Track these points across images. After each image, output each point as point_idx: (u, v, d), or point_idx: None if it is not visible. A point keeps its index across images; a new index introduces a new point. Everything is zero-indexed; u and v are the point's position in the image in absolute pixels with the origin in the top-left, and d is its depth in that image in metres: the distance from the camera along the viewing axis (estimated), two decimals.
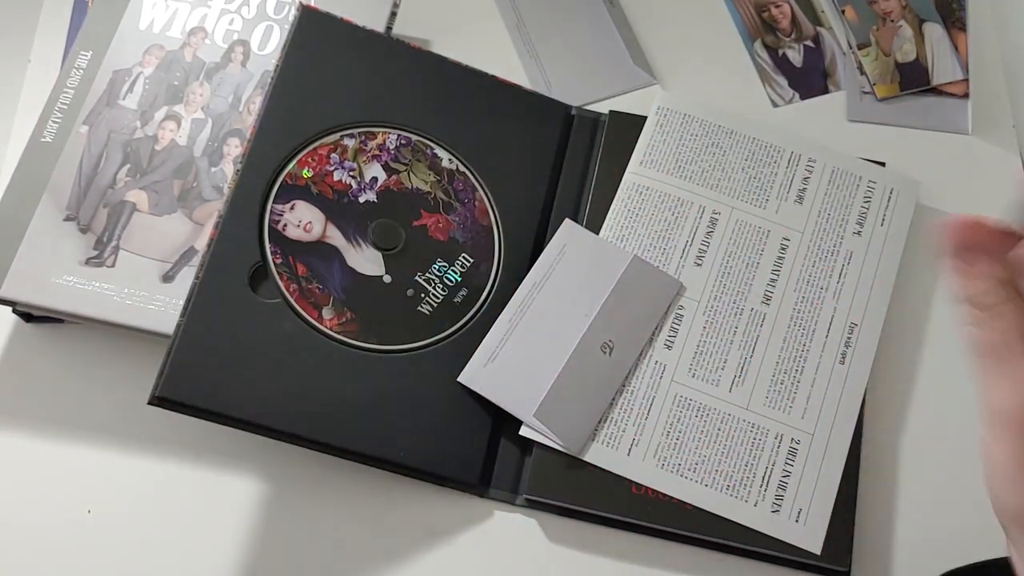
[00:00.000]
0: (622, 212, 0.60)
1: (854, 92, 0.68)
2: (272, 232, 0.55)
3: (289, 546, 0.54)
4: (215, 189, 0.59)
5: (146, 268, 0.56)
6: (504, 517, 0.55)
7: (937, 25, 0.69)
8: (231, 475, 0.55)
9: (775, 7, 0.71)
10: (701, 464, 0.54)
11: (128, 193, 0.58)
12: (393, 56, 0.60)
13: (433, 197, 0.58)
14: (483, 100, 0.61)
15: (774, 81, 0.69)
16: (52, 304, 0.55)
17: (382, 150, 0.59)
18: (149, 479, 0.55)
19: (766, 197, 0.61)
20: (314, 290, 0.54)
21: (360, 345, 0.54)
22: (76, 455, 0.56)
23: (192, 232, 0.58)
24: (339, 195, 0.57)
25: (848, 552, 0.53)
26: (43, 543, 0.54)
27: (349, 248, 0.56)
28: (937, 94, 0.68)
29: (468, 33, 0.69)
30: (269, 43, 0.63)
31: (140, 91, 0.61)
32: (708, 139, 0.62)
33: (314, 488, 0.55)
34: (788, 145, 0.62)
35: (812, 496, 0.53)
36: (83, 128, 0.60)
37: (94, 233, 0.57)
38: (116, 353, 0.58)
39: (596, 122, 0.64)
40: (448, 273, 0.57)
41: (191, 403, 0.50)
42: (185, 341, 0.51)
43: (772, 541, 0.53)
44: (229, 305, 0.52)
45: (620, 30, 0.69)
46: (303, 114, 0.57)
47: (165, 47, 0.63)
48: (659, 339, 0.57)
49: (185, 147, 0.60)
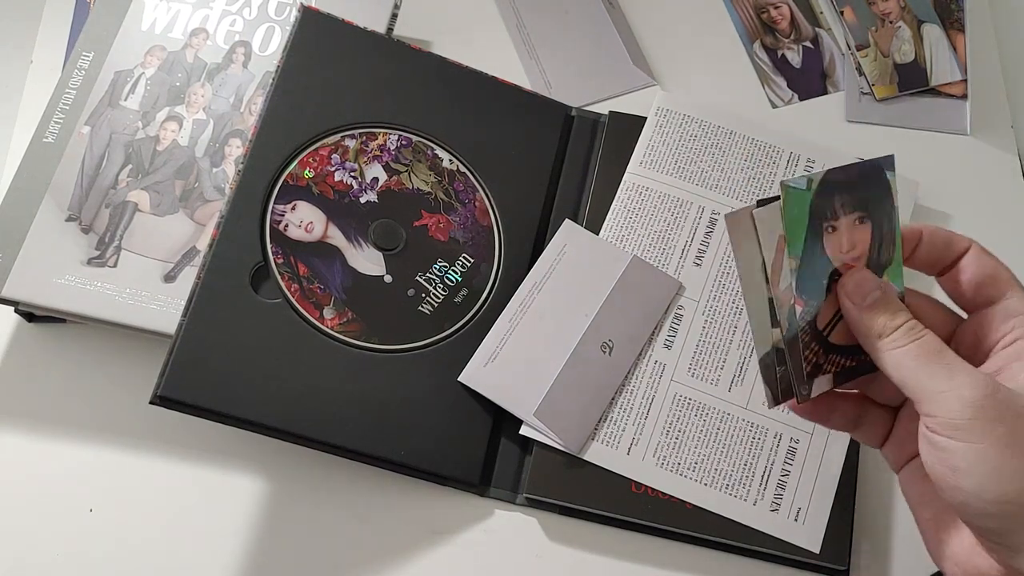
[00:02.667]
0: (622, 212, 0.60)
1: (853, 93, 0.68)
2: (273, 232, 0.55)
3: (289, 545, 0.54)
4: (217, 189, 0.59)
5: (148, 268, 0.57)
6: (504, 516, 0.55)
7: (935, 26, 0.69)
8: (232, 475, 0.56)
9: (774, 8, 0.71)
10: (700, 463, 0.54)
11: (130, 193, 0.59)
12: (394, 57, 0.60)
13: (434, 197, 0.59)
14: (483, 101, 0.61)
15: (773, 82, 0.69)
16: (54, 304, 0.55)
17: (383, 151, 0.59)
18: (150, 479, 0.55)
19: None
20: (315, 290, 0.54)
21: (361, 345, 0.54)
22: (77, 455, 0.56)
23: (194, 232, 0.58)
24: (340, 195, 0.57)
25: (847, 551, 0.53)
26: (43, 543, 0.54)
27: (350, 248, 0.56)
28: (936, 95, 0.68)
29: (468, 34, 0.69)
30: (270, 44, 0.63)
31: (142, 92, 0.61)
32: (707, 140, 0.62)
33: (314, 487, 0.55)
34: (787, 146, 0.62)
35: (811, 495, 0.54)
36: (85, 129, 0.60)
37: (96, 233, 0.57)
38: (118, 353, 0.58)
39: (596, 122, 0.64)
40: (449, 273, 0.57)
41: (193, 402, 0.50)
42: (187, 341, 0.51)
43: (771, 540, 0.53)
44: (231, 305, 0.52)
45: (620, 30, 0.69)
46: (304, 115, 0.58)
47: (167, 48, 0.63)
48: (659, 339, 0.57)
49: (187, 148, 0.60)
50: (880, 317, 0.35)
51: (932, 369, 0.34)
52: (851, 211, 0.35)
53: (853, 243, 0.36)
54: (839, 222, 0.35)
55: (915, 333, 0.35)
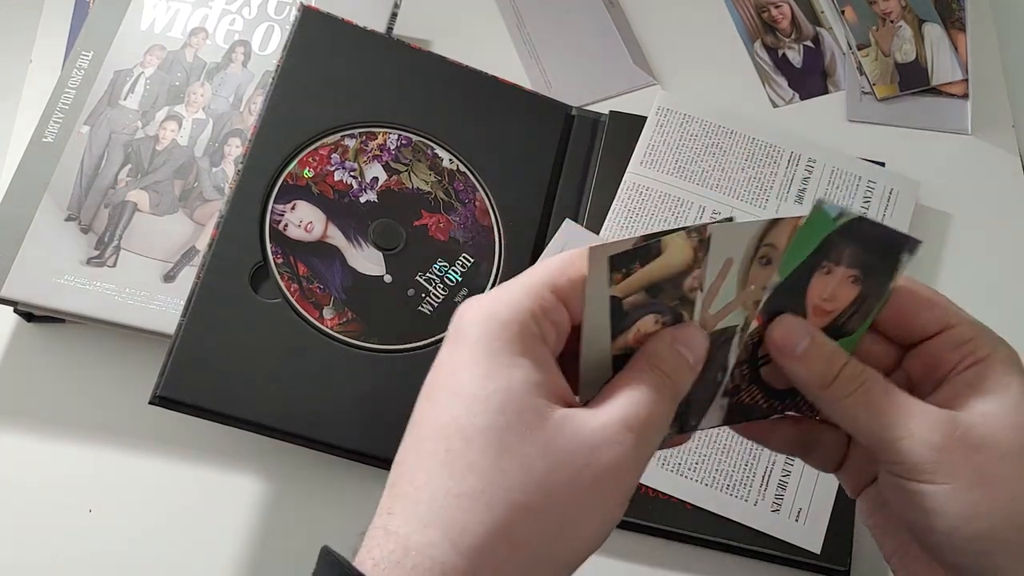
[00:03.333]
0: (622, 212, 0.60)
1: (854, 92, 0.68)
2: (273, 232, 0.55)
3: (289, 546, 0.54)
4: (216, 189, 0.59)
5: (147, 268, 0.56)
6: None
7: (936, 25, 0.69)
8: (231, 475, 0.55)
9: (775, 7, 0.71)
10: (701, 463, 0.54)
11: (129, 193, 0.58)
12: (394, 56, 0.60)
13: (433, 197, 0.59)
14: (483, 100, 0.61)
15: (774, 81, 0.69)
16: (53, 304, 0.55)
17: (383, 150, 0.59)
18: (150, 479, 0.55)
19: (766, 197, 0.61)
20: (315, 290, 0.54)
21: (361, 345, 0.54)
22: (77, 455, 0.56)
23: (193, 232, 0.58)
24: (340, 195, 0.57)
25: (847, 551, 0.53)
26: (43, 543, 0.54)
27: (350, 248, 0.56)
28: (937, 94, 0.68)
29: (468, 33, 0.69)
30: (270, 43, 0.63)
31: (141, 91, 0.61)
32: (708, 139, 0.62)
33: (314, 488, 0.55)
34: (788, 145, 0.62)
35: (812, 495, 0.53)
36: (84, 128, 0.60)
37: (95, 233, 0.57)
38: (117, 353, 0.58)
39: (596, 122, 0.64)
40: (449, 273, 0.57)
41: (192, 402, 0.50)
42: (186, 341, 0.51)
43: (772, 540, 0.53)
44: (230, 305, 0.52)
45: (620, 30, 0.69)
46: (304, 114, 0.57)
47: (166, 47, 0.63)
48: None
49: (186, 147, 0.60)
50: (816, 366, 0.33)
51: (885, 419, 0.32)
52: (852, 266, 0.34)
53: (835, 295, 0.34)
54: (837, 269, 0.34)
55: (857, 379, 0.33)
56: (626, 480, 0.30)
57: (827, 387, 0.33)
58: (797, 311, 0.34)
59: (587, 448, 0.29)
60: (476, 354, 0.30)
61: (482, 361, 0.30)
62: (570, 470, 0.29)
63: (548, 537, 0.29)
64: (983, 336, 0.34)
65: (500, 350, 0.30)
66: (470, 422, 0.29)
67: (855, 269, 0.34)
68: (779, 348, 0.34)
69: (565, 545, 0.29)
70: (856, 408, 0.33)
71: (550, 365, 0.31)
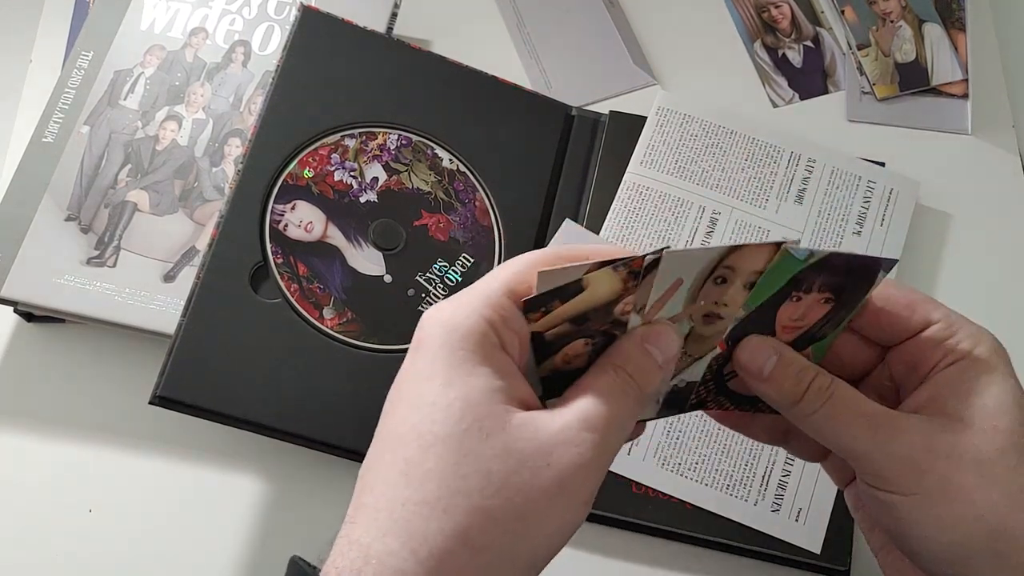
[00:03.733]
0: (622, 212, 0.60)
1: (854, 92, 0.68)
2: (273, 232, 0.55)
3: (289, 546, 0.54)
4: (216, 189, 0.59)
5: (147, 268, 0.56)
6: None
7: (936, 25, 0.69)
8: (231, 475, 0.55)
9: (775, 7, 0.71)
10: (701, 463, 0.54)
11: (129, 193, 0.58)
12: (394, 56, 0.60)
13: (433, 197, 0.59)
14: (483, 100, 0.61)
15: (774, 81, 0.69)
16: (53, 304, 0.55)
17: (383, 150, 0.59)
18: (150, 479, 0.55)
19: (766, 197, 0.61)
20: (315, 290, 0.54)
21: (361, 345, 0.54)
22: (77, 455, 0.56)
23: (193, 232, 0.58)
24: (340, 195, 0.57)
25: (847, 551, 0.53)
26: (43, 543, 0.54)
27: (350, 248, 0.56)
28: (937, 94, 0.68)
29: (468, 33, 0.69)
30: (270, 43, 0.63)
31: (141, 91, 0.61)
32: (708, 139, 0.62)
33: (314, 488, 0.55)
34: (788, 145, 0.62)
35: (812, 495, 0.53)
36: (84, 128, 0.60)
37: (95, 233, 0.57)
38: (117, 353, 0.58)
39: (596, 122, 0.64)
40: (449, 273, 0.57)
41: (192, 402, 0.50)
42: (186, 341, 0.51)
43: (772, 540, 0.53)
44: (230, 305, 0.52)
45: (620, 30, 0.69)
46: (304, 114, 0.57)
47: (166, 47, 0.63)
48: None
49: (186, 147, 0.60)
50: (785, 384, 0.33)
51: (853, 431, 0.32)
52: (824, 291, 0.33)
53: (805, 315, 0.34)
54: (808, 296, 0.33)
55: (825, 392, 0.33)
56: (588, 479, 0.30)
57: (796, 404, 0.33)
58: (764, 331, 0.34)
59: (546, 449, 0.29)
60: (436, 365, 0.30)
61: (441, 372, 0.30)
62: (529, 471, 0.29)
63: (510, 539, 0.29)
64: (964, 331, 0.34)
65: (462, 359, 0.30)
66: (429, 430, 0.29)
67: (827, 292, 0.34)
68: (746, 371, 0.34)
69: (527, 546, 0.29)
70: (823, 423, 0.33)
71: (511, 371, 0.31)
